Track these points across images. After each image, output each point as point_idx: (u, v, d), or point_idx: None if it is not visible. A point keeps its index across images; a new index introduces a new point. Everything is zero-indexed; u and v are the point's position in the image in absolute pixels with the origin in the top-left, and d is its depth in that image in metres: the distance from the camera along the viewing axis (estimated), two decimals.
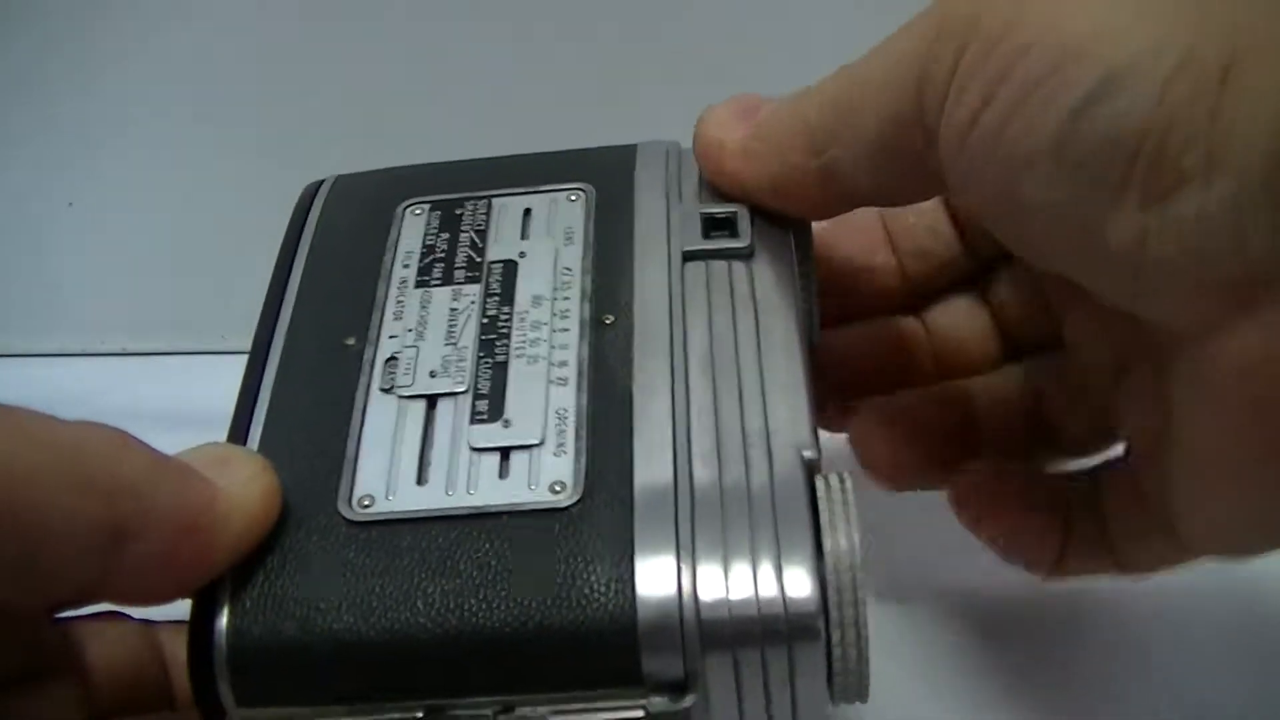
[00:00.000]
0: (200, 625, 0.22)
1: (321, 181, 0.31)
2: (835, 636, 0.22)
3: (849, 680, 0.22)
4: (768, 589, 0.21)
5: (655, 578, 0.22)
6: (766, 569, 0.22)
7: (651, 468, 0.23)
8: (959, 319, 0.32)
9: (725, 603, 0.21)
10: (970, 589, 0.32)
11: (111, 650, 0.25)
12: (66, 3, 0.44)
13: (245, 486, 0.23)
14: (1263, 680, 0.30)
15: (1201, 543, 0.25)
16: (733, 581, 0.22)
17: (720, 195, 0.28)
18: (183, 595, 0.23)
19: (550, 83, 0.43)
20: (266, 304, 0.28)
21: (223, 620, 0.22)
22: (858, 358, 0.32)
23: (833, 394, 0.31)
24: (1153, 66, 0.20)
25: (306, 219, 0.30)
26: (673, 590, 0.21)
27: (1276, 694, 0.30)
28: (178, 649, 0.26)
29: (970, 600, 0.32)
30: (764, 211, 0.28)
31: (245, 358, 0.27)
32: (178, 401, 0.40)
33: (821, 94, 0.26)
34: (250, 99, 0.44)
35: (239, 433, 0.25)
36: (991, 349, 0.32)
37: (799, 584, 0.21)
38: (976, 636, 0.32)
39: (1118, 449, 0.29)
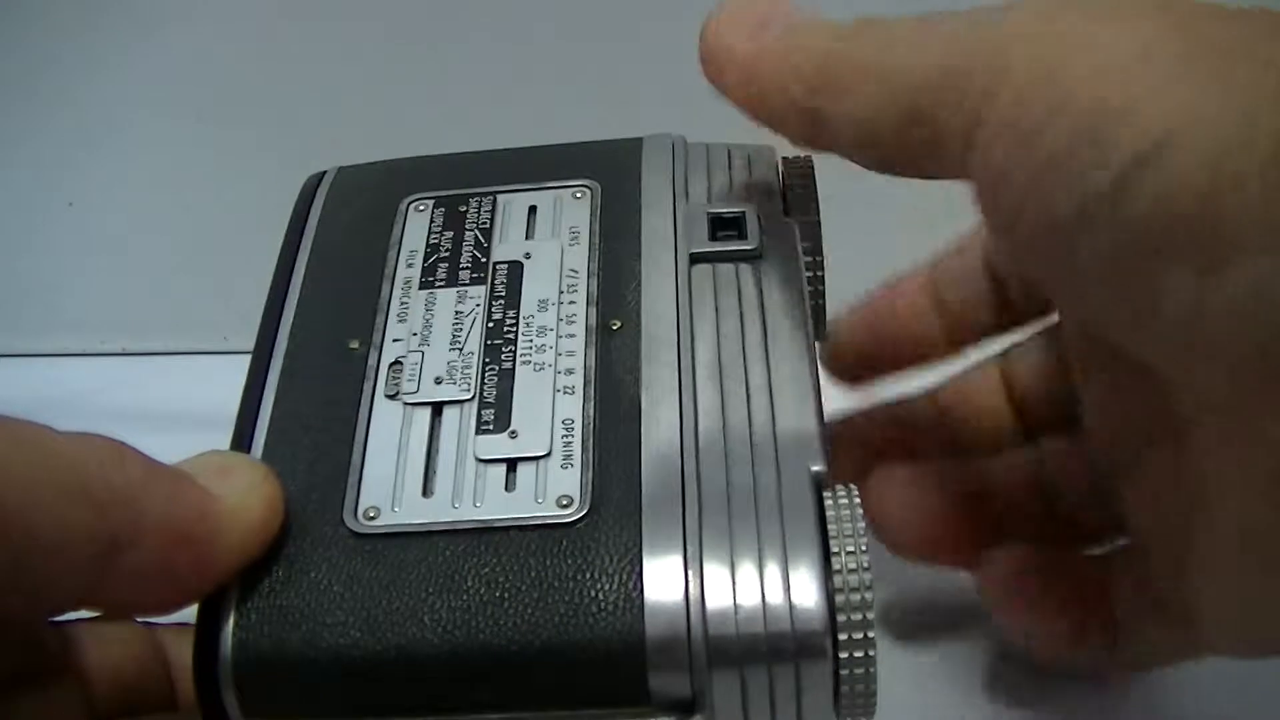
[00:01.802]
0: (205, 635, 0.22)
1: (323, 173, 0.30)
2: (843, 653, 0.22)
3: (855, 697, 0.22)
4: (775, 607, 0.21)
5: (663, 596, 0.21)
6: (774, 586, 0.21)
7: (659, 482, 0.23)
8: (978, 398, 0.31)
9: (732, 621, 0.21)
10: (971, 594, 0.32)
11: (112, 651, 0.25)
12: (66, 3, 0.43)
13: (246, 496, 0.22)
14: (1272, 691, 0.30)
15: (1218, 638, 0.25)
16: (740, 599, 0.21)
17: (728, 195, 0.28)
18: (184, 605, 0.23)
19: (551, 72, 0.43)
20: (269, 303, 0.27)
21: (228, 631, 0.22)
22: (866, 433, 0.32)
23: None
24: (1203, 131, 0.19)
25: (309, 213, 0.29)
26: (680, 608, 0.21)
27: None
28: (180, 650, 0.26)
29: (976, 605, 0.32)
30: (772, 210, 0.28)
31: (246, 358, 0.26)
32: (178, 401, 0.40)
33: (835, 47, 0.24)
34: (250, 99, 0.44)
35: (242, 439, 0.25)
36: (1008, 429, 0.31)
37: (806, 602, 0.21)
38: (982, 642, 0.31)
39: (1124, 538, 0.29)
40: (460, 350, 0.25)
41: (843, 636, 0.22)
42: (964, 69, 0.22)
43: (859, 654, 0.22)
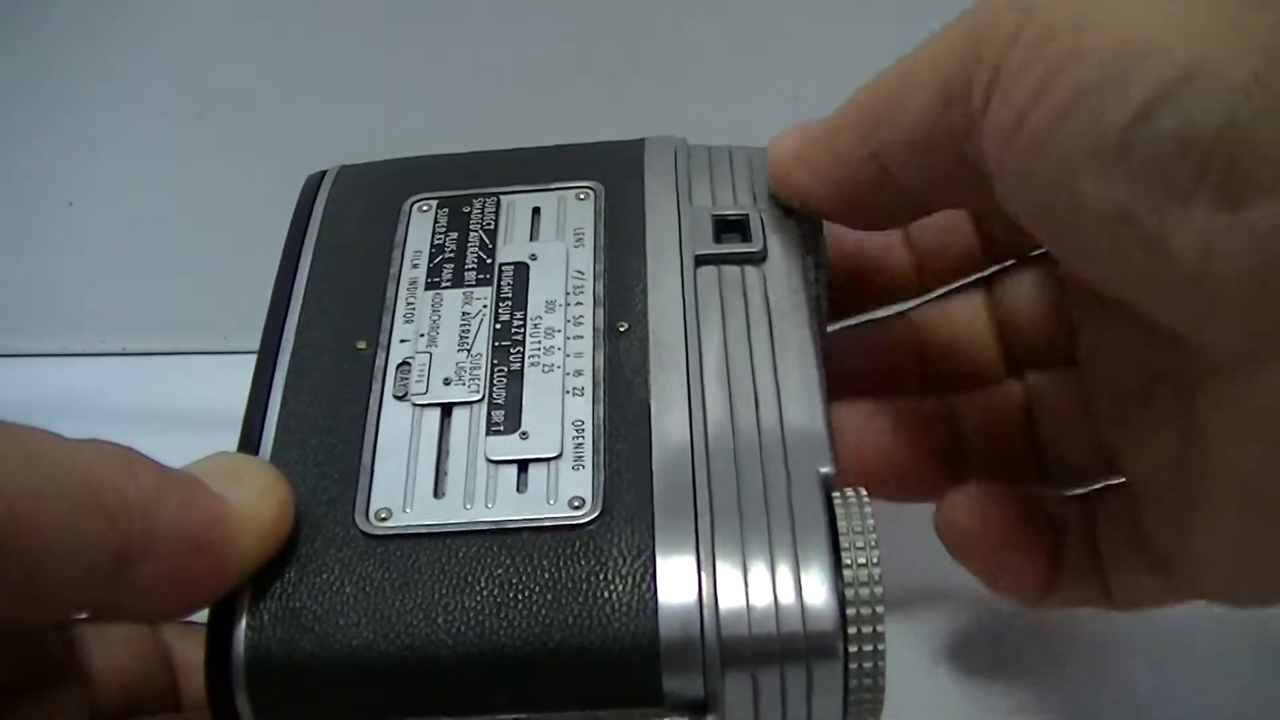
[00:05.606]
0: (217, 638, 0.22)
1: (324, 173, 0.30)
2: (853, 655, 0.22)
3: (864, 698, 0.22)
4: (787, 608, 0.22)
5: (676, 597, 0.22)
6: (786, 588, 0.22)
7: (670, 485, 0.23)
8: (959, 326, 0.30)
9: (745, 622, 0.21)
10: (977, 592, 0.32)
11: (116, 652, 0.25)
12: (67, 3, 0.43)
13: (257, 501, 0.22)
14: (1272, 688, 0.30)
15: (1201, 586, 0.25)
16: (752, 601, 0.22)
17: (731, 197, 0.28)
18: (194, 611, 0.23)
19: (549, 72, 0.43)
20: (273, 303, 0.27)
21: (240, 633, 0.22)
22: (839, 362, 0.30)
23: None
24: (1230, 66, 0.19)
25: (311, 212, 0.29)
26: (694, 610, 0.21)
27: None
28: (185, 649, 0.26)
29: (979, 603, 0.32)
30: (775, 212, 0.28)
31: (246, 358, 0.26)
32: (178, 401, 0.40)
33: (871, 84, 0.25)
34: (249, 99, 0.44)
35: (250, 441, 0.24)
36: (990, 361, 0.30)
37: (818, 603, 0.22)
38: (986, 641, 0.32)
39: (1114, 479, 0.28)
40: (468, 351, 0.25)
41: (853, 632, 0.22)
42: (987, 25, 0.22)
43: (869, 652, 0.22)
